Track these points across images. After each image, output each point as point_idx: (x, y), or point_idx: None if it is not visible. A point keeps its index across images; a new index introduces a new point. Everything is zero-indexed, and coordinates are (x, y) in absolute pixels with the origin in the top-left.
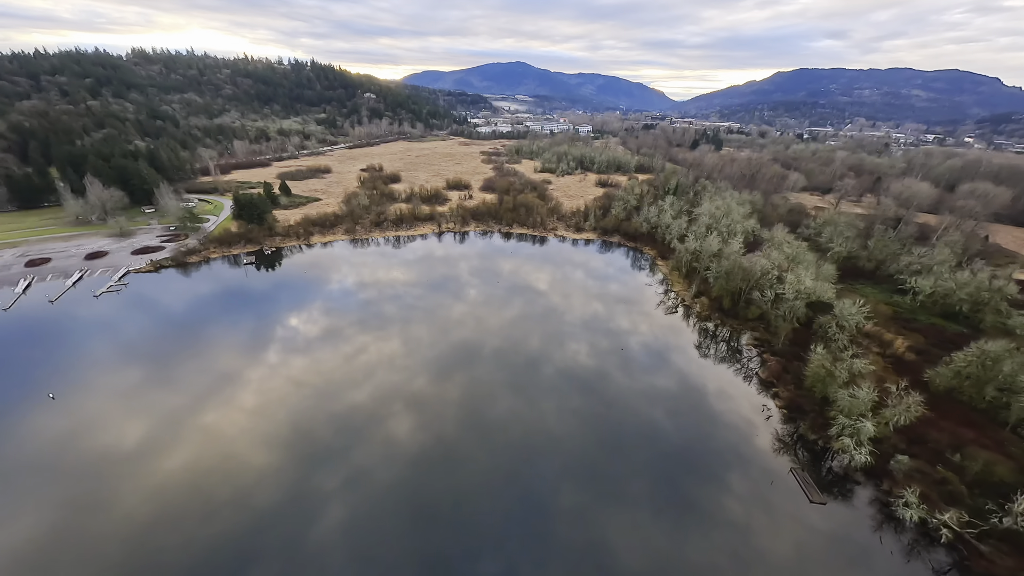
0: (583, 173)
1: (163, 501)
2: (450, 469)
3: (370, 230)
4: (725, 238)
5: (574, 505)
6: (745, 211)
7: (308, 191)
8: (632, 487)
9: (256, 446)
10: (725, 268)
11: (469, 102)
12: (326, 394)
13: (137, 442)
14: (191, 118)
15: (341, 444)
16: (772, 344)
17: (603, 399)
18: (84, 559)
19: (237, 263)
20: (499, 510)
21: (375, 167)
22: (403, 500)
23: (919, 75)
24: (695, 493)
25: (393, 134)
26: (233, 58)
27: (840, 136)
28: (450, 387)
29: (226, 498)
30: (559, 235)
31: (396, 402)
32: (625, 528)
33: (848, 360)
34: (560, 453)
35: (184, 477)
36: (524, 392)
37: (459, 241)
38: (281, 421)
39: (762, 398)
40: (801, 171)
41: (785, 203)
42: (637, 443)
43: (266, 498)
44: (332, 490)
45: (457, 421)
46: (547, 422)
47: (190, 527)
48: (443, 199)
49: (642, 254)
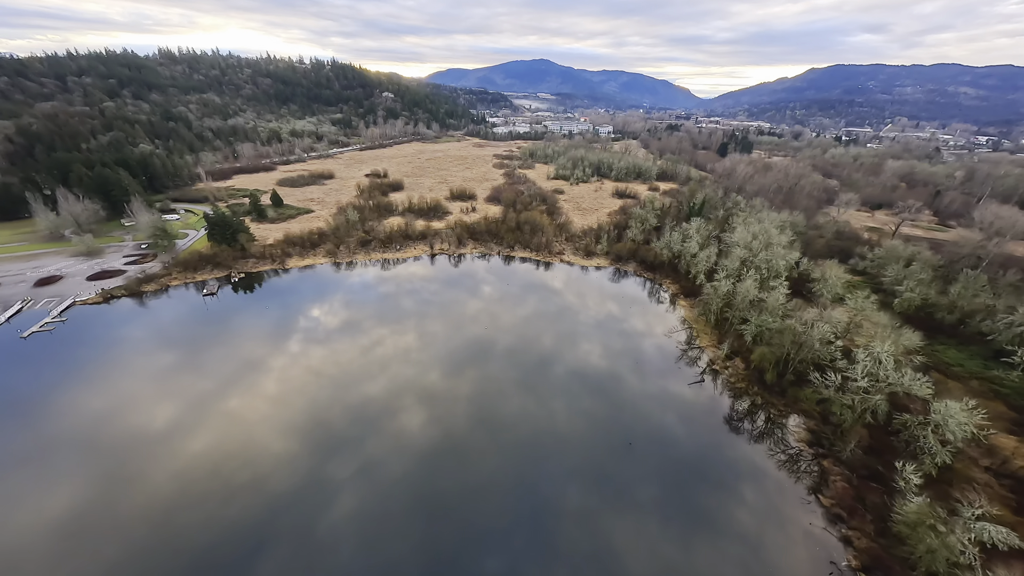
0: (599, 181)
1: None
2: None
3: (355, 251)
4: (765, 279)
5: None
6: (787, 239)
7: (303, 200)
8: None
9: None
10: (767, 324)
11: (490, 100)
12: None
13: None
14: (205, 119)
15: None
16: (835, 447)
17: (594, 545)
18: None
19: (200, 292)
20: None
21: (379, 173)
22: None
23: (968, 71)
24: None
25: (407, 135)
26: (256, 57)
27: (881, 138)
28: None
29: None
30: (566, 260)
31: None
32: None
33: (971, 520)
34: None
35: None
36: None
37: (454, 264)
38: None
39: (825, 535)
40: (843, 180)
41: (831, 224)
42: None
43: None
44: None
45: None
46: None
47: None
48: (443, 212)
49: (661, 287)
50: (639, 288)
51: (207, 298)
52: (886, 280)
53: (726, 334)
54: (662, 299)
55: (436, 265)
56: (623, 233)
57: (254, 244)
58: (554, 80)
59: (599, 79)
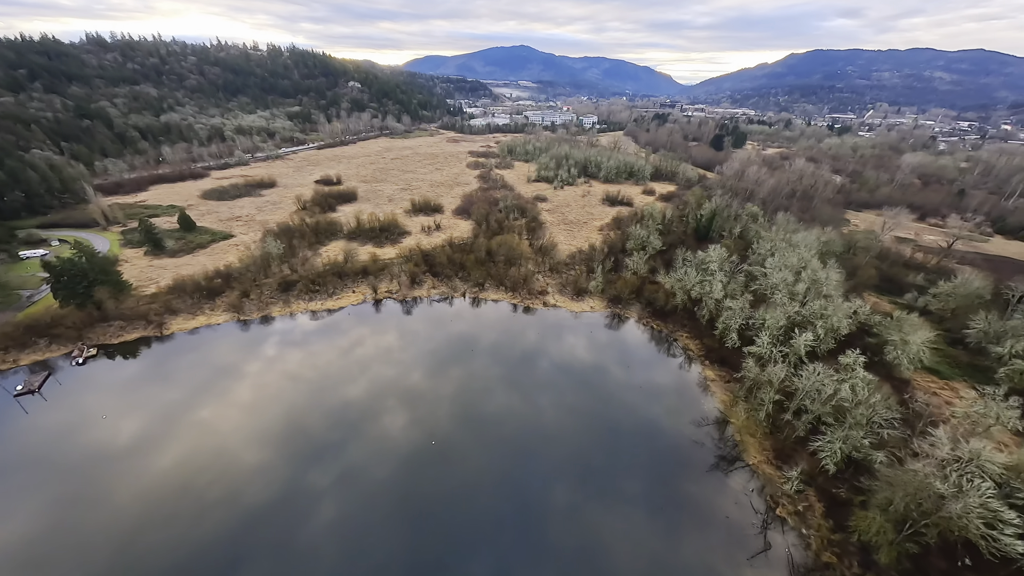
0: (587, 183)
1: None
2: None
3: (269, 302)
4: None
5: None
6: (836, 275)
7: (226, 221)
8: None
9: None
10: (862, 451)
11: (468, 89)
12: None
13: None
14: (132, 116)
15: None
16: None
17: None
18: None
19: (13, 388)
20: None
21: (331, 179)
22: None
23: (941, 56)
24: None
25: (375, 129)
26: (207, 44)
27: (869, 125)
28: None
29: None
30: (551, 303)
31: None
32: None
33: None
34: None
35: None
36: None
37: (406, 311)
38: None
39: None
40: (845, 174)
41: (872, 242)
42: None
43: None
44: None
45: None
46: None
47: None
48: (400, 233)
49: (675, 343)
50: (646, 343)
51: (22, 398)
52: (973, 333)
53: (786, 443)
54: (681, 364)
55: (380, 316)
56: (620, 260)
57: (129, 296)
58: (535, 67)
59: (581, 66)
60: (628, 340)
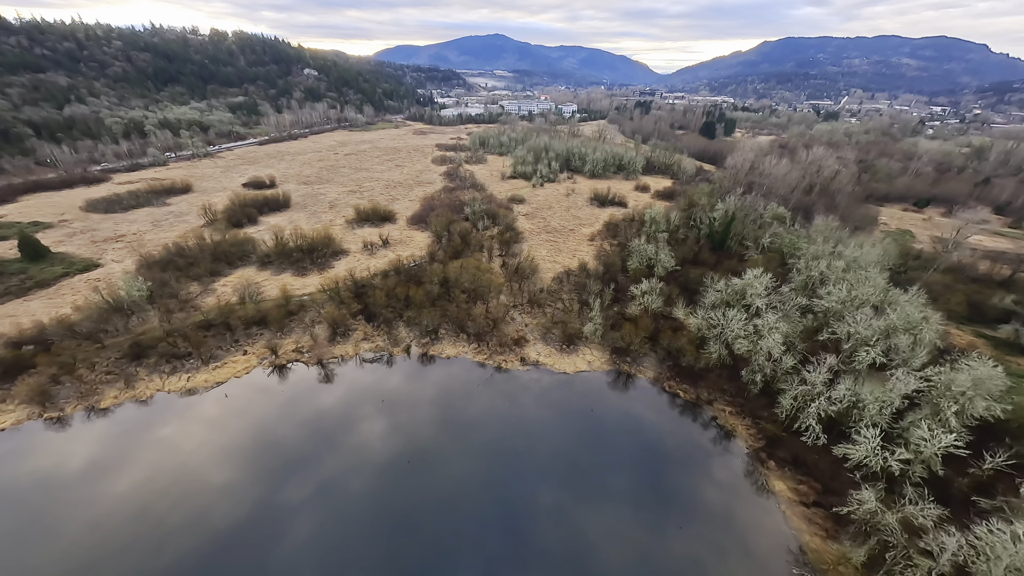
0: (571, 179)
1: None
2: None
3: (101, 381)
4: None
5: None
6: (920, 308)
7: (101, 242)
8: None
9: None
10: None
11: (441, 79)
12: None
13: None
14: (26, 108)
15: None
16: None
17: None
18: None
19: None
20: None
21: (262, 181)
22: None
23: (907, 43)
24: None
25: (332, 121)
26: (140, 28)
27: (852, 111)
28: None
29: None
30: (532, 360)
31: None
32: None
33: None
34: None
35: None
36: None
37: (321, 378)
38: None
39: None
40: (860, 167)
41: (942, 253)
42: None
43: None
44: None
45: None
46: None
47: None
48: (334, 252)
49: (715, 421)
50: (671, 421)
51: None
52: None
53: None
54: (728, 462)
55: (280, 396)
56: (621, 285)
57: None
58: (511, 57)
59: (557, 55)
60: (644, 418)
